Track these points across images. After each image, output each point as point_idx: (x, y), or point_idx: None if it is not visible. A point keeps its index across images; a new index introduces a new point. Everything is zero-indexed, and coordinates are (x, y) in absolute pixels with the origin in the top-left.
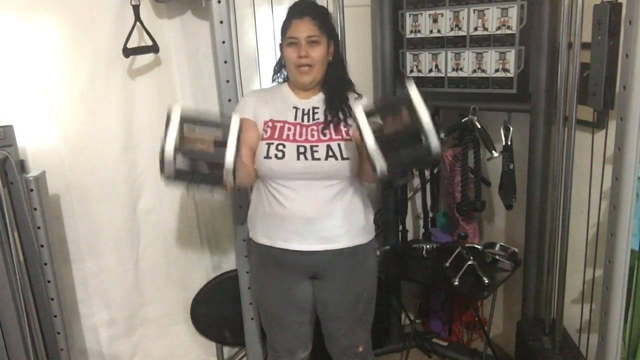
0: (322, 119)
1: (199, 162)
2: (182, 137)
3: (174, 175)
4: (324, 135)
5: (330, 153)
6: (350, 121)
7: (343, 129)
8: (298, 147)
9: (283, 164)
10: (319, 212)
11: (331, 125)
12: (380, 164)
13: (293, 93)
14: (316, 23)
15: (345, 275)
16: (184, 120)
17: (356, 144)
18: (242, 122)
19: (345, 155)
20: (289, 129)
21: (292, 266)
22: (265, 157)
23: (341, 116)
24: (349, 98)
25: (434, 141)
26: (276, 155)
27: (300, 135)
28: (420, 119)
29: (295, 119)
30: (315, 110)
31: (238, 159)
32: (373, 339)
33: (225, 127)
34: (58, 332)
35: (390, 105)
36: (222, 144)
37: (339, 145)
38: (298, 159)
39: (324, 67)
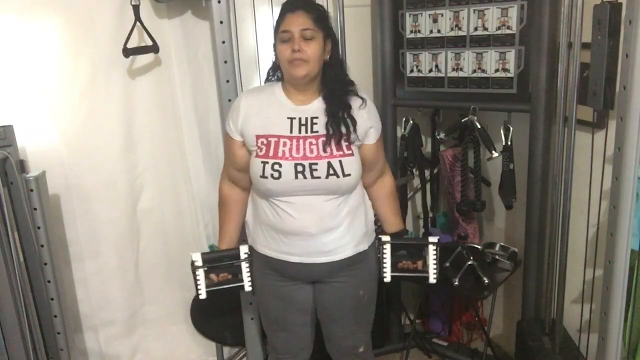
0: (321, 132)
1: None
2: (207, 274)
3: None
4: (325, 151)
5: (332, 171)
6: (353, 137)
7: (344, 144)
8: (295, 165)
9: (280, 183)
10: (320, 228)
11: (332, 140)
12: (387, 279)
13: (288, 98)
14: (311, 16)
15: (346, 279)
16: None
17: (361, 162)
18: (230, 145)
19: (347, 172)
20: (284, 144)
21: (293, 275)
22: (261, 177)
23: (343, 130)
24: (351, 105)
25: (432, 276)
26: (272, 175)
27: (297, 151)
28: (428, 272)
29: (291, 131)
30: (315, 121)
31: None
32: (373, 339)
33: (235, 259)
34: (58, 332)
35: (412, 252)
36: (237, 273)
37: (340, 162)
38: (296, 177)
39: (320, 65)
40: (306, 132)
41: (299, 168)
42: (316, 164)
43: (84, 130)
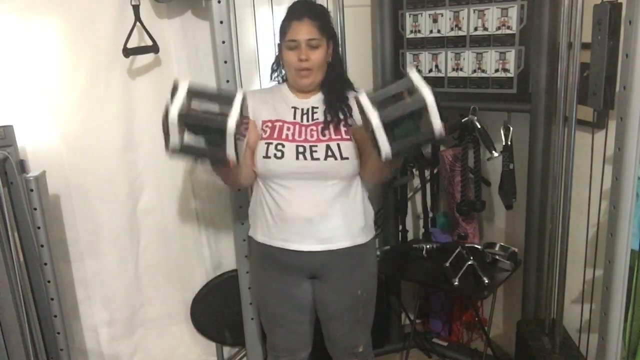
0: (321, 119)
1: (203, 131)
2: (187, 107)
3: (179, 146)
4: (324, 135)
5: (330, 153)
6: (350, 121)
7: (342, 129)
8: (297, 146)
9: (282, 163)
10: (318, 213)
11: (331, 126)
12: (385, 149)
13: (292, 93)
14: (316, 24)
15: (345, 275)
16: (191, 92)
17: (356, 144)
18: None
19: (344, 155)
20: (288, 129)
21: (292, 266)
22: (264, 157)
23: (341, 116)
24: (348, 98)
25: (436, 122)
26: (275, 155)
27: (300, 135)
28: (423, 98)
29: (294, 118)
30: (315, 110)
31: (240, 131)
32: (373, 339)
33: (229, 99)
34: (58, 332)
35: (392, 92)
36: (225, 115)
37: (338, 145)
38: (297, 158)
39: (324, 69)
40: (307, 120)
41: (300, 149)
42: (316, 146)
43: (84, 130)
